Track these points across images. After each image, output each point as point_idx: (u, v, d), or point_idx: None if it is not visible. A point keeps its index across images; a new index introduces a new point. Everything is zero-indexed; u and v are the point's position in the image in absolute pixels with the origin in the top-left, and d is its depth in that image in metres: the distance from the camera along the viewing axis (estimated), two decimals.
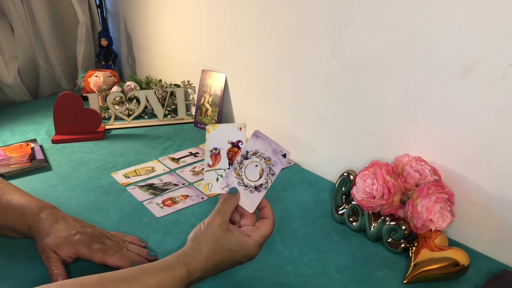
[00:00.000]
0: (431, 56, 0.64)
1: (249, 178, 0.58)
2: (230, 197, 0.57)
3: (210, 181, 0.59)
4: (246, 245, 0.54)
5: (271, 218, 0.57)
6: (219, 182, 0.59)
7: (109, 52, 1.39)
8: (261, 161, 0.58)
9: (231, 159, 0.59)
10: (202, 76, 1.13)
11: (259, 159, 0.58)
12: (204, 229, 0.54)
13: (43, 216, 0.63)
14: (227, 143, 0.59)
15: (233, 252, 0.53)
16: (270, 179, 0.58)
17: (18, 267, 0.62)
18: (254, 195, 0.57)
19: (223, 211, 0.55)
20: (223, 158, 0.59)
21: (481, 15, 0.57)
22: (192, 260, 0.51)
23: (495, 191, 0.62)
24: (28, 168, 0.90)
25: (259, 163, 0.58)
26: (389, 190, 0.64)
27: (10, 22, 1.29)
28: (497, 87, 0.58)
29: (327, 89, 0.82)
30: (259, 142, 0.59)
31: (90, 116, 1.06)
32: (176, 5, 1.18)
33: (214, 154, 0.59)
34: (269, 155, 0.58)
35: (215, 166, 0.59)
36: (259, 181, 0.58)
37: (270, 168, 0.58)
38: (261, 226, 0.56)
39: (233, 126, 0.59)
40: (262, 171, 0.58)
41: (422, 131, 0.69)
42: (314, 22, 0.80)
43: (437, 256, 0.58)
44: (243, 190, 0.58)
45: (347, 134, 0.82)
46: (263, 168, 0.58)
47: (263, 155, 0.58)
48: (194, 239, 0.54)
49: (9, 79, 1.29)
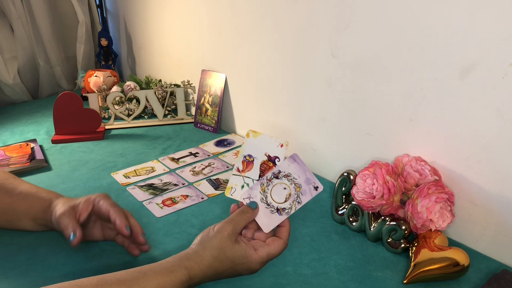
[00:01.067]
0: (431, 56, 0.64)
1: (274, 198, 0.56)
2: (248, 211, 0.55)
3: (235, 185, 0.57)
4: (250, 259, 0.53)
5: (284, 238, 0.55)
6: (243, 190, 0.57)
7: (109, 52, 1.39)
8: (291, 185, 0.56)
9: (263, 172, 0.57)
10: (202, 76, 1.13)
11: (290, 183, 0.56)
12: (213, 235, 0.53)
13: (60, 198, 0.66)
14: (264, 155, 0.57)
15: (235, 264, 0.53)
16: (295, 206, 0.56)
17: (18, 267, 0.62)
18: (274, 217, 0.55)
19: (236, 222, 0.54)
20: (255, 167, 0.57)
21: (481, 15, 0.57)
22: (194, 265, 0.51)
23: (495, 191, 0.62)
24: (28, 168, 0.90)
25: (288, 186, 0.56)
26: (389, 190, 0.64)
27: (10, 22, 1.29)
28: (497, 87, 0.58)
29: (327, 89, 0.82)
30: (294, 166, 0.57)
31: (90, 116, 1.06)
32: (176, 5, 1.18)
33: (247, 161, 0.57)
34: (301, 182, 0.56)
35: (244, 172, 0.57)
36: (283, 205, 0.56)
37: (298, 195, 0.56)
38: (271, 243, 0.54)
39: (275, 140, 0.58)
40: (289, 195, 0.56)
41: (422, 131, 0.69)
42: (314, 22, 0.80)
43: (437, 256, 0.58)
44: (264, 207, 0.56)
45: (347, 134, 0.82)
46: (291, 193, 0.56)
47: (295, 180, 0.56)
48: (201, 243, 0.53)
49: (9, 79, 1.29)
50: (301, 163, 0.57)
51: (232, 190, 0.57)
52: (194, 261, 0.51)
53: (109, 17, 1.56)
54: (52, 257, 0.64)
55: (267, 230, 0.55)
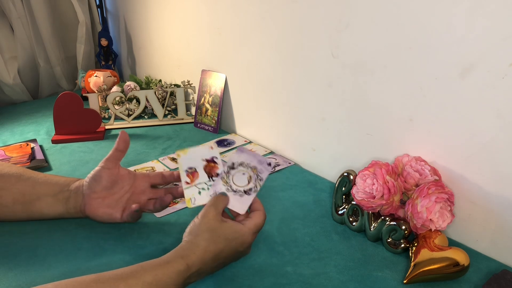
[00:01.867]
0: (431, 56, 0.64)
1: (237, 184, 0.62)
2: (221, 195, 0.61)
3: (192, 195, 0.62)
4: (242, 233, 0.56)
5: (261, 209, 0.60)
6: (203, 194, 0.62)
7: (109, 52, 1.40)
8: (248, 169, 0.62)
9: (210, 172, 0.63)
10: (202, 76, 1.13)
11: (246, 168, 0.62)
12: (200, 221, 0.55)
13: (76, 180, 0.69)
14: (202, 161, 0.63)
15: (229, 240, 0.54)
16: (258, 184, 0.62)
17: (18, 267, 0.62)
18: (244, 198, 0.61)
19: (216, 204, 0.58)
20: (201, 174, 0.63)
21: (481, 15, 0.57)
22: (190, 253, 0.51)
23: (495, 191, 0.62)
24: (28, 168, 0.90)
25: (246, 171, 0.62)
26: (389, 190, 0.64)
27: (10, 22, 1.29)
28: (497, 87, 0.58)
29: (327, 89, 0.82)
30: (244, 155, 0.64)
31: (90, 116, 1.06)
32: (176, 5, 1.18)
33: (191, 172, 0.63)
34: (255, 164, 0.63)
35: (193, 182, 0.63)
36: (248, 186, 0.62)
37: (257, 175, 0.62)
38: (253, 216, 0.59)
39: (204, 146, 0.64)
40: (250, 177, 0.62)
41: (422, 131, 0.69)
42: (314, 22, 0.80)
43: (437, 256, 0.58)
44: (232, 195, 0.61)
45: (347, 134, 0.82)
46: (251, 175, 0.62)
47: (249, 165, 0.63)
48: (190, 233, 0.55)
49: (9, 79, 1.29)
50: (248, 152, 0.64)
51: (193, 200, 0.62)
52: (189, 250, 0.52)
53: (109, 17, 1.56)
54: (52, 257, 0.64)
55: (243, 211, 0.61)
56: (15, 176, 0.68)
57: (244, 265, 0.62)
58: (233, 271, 0.61)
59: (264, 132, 1.01)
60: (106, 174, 0.66)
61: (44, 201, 0.67)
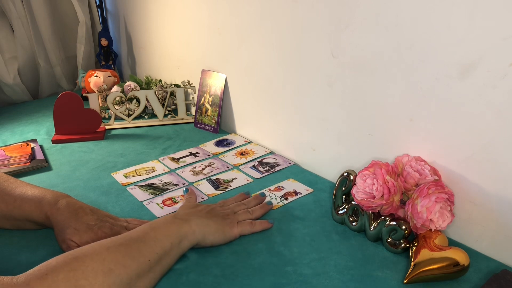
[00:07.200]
0: (431, 56, 0.64)
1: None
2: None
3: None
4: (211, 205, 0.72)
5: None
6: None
7: (109, 52, 1.39)
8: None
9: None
10: (202, 76, 1.13)
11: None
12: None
13: (60, 206, 0.64)
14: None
15: (199, 205, 0.70)
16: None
17: (18, 267, 0.62)
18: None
19: (188, 198, 0.75)
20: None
21: (481, 15, 0.57)
22: (179, 212, 0.68)
23: (495, 191, 0.62)
24: (28, 168, 0.90)
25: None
26: (389, 190, 0.64)
27: (10, 22, 1.29)
28: (497, 87, 0.58)
29: (327, 89, 0.82)
30: None
31: (90, 116, 1.06)
32: (176, 5, 1.18)
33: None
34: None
35: None
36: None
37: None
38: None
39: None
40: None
41: (422, 131, 0.69)
42: (314, 22, 0.80)
43: (437, 256, 0.58)
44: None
45: (347, 134, 0.82)
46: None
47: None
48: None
49: (9, 79, 1.29)
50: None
51: None
52: (177, 213, 0.68)
53: (109, 17, 1.56)
54: (52, 257, 0.64)
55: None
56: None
57: (244, 264, 0.63)
58: (233, 270, 0.61)
59: (264, 132, 1.01)
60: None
61: (29, 226, 0.69)
